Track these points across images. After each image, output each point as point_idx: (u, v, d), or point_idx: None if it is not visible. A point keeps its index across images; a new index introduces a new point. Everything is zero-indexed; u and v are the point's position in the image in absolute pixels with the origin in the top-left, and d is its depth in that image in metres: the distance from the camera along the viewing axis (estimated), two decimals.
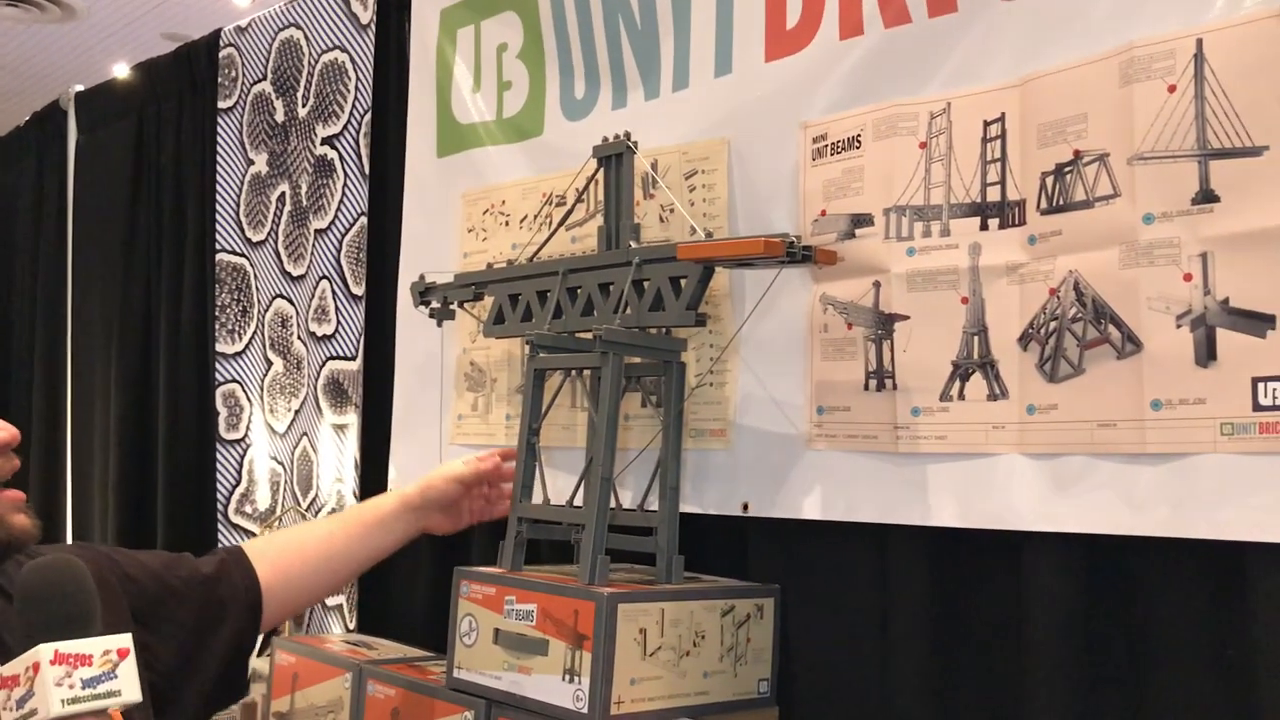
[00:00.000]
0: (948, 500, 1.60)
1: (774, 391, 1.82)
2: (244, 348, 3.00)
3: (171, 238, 3.35)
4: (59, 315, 3.93)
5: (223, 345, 3.06)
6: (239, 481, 3.00)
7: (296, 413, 2.81)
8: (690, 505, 1.87)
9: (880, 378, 1.68)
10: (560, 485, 1.95)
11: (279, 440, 2.87)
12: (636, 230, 1.86)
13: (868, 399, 1.69)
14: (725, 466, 1.87)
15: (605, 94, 2.09)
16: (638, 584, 1.71)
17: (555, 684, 1.63)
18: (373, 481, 2.55)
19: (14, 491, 1.34)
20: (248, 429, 2.98)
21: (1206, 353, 1.37)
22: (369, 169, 2.62)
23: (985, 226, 1.59)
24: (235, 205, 3.05)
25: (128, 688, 1.10)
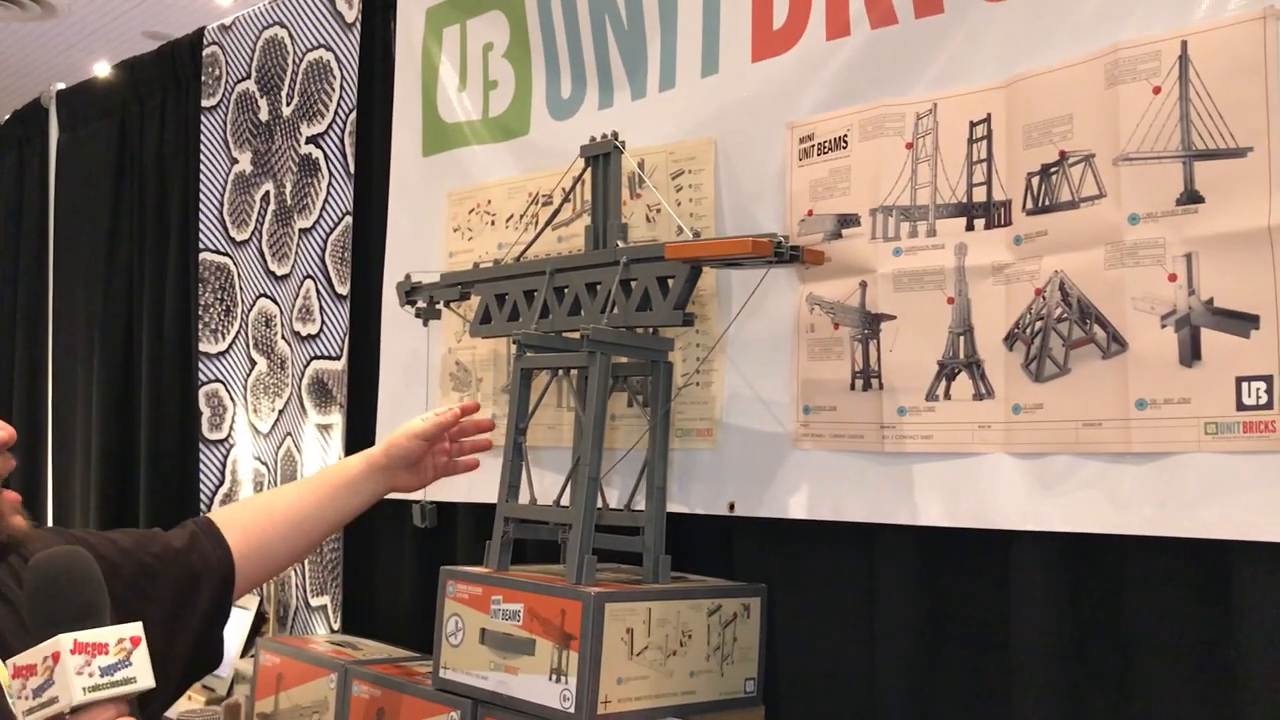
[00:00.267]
0: (934, 500, 1.61)
1: (761, 391, 1.82)
2: (227, 347, 2.99)
3: (154, 237, 3.33)
4: (40, 315, 3.91)
5: (206, 345, 3.04)
6: (222, 482, 2.99)
7: (280, 413, 2.80)
8: (677, 505, 1.87)
9: (867, 377, 1.69)
10: (547, 485, 1.95)
11: (263, 440, 2.86)
12: (624, 230, 1.86)
13: (854, 399, 1.70)
14: (712, 466, 1.87)
15: (592, 93, 2.09)
16: (625, 584, 1.71)
17: (542, 684, 1.63)
18: None
19: (12, 492, 1.35)
20: (231, 429, 2.97)
21: (1191, 352, 1.38)
22: (354, 168, 2.61)
23: (971, 227, 1.60)
24: (219, 204, 3.03)
25: (142, 674, 1.13)
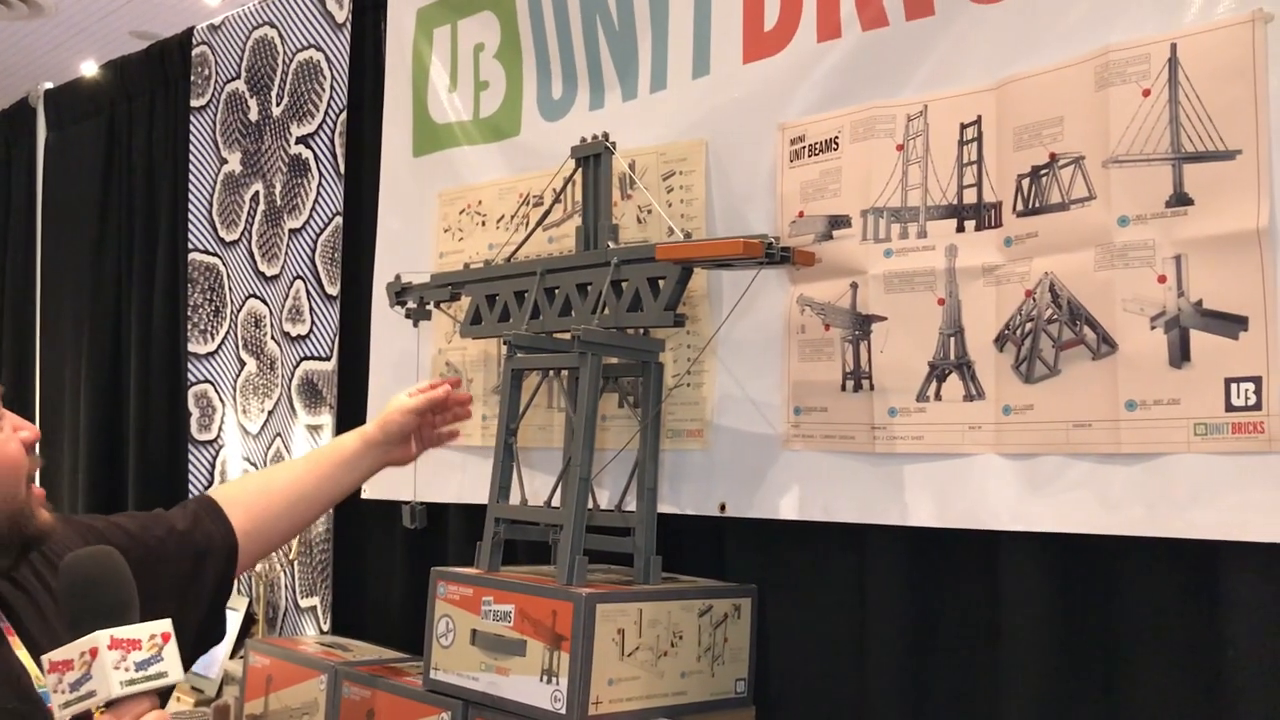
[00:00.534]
0: (925, 500, 1.61)
1: (751, 392, 1.82)
2: (216, 348, 2.98)
3: (143, 237, 3.32)
4: (27, 315, 3.89)
5: (195, 345, 3.04)
6: (211, 483, 2.98)
7: (270, 413, 2.79)
8: (667, 505, 1.87)
9: (857, 378, 1.69)
10: (537, 486, 1.95)
11: (252, 441, 2.85)
12: (615, 231, 1.86)
13: (845, 399, 1.70)
14: (702, 467, 1.87)
15: (583, 94, 2.09)
16: (616, 584, 1.71)
17: (533, 685, 1.63)
18: None
19: (39, 488, 1.39)
20: (220, 430, 2.96)
21: (1180, 354, 1.39)
22: (344, 168, 2.61)
23: (962, 228, 1.60)
24: (208, 204, 3.03)
25: (172, 669, 1.19)
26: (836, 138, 1.72)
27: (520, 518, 1.82)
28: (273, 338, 2.79)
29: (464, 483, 2.24)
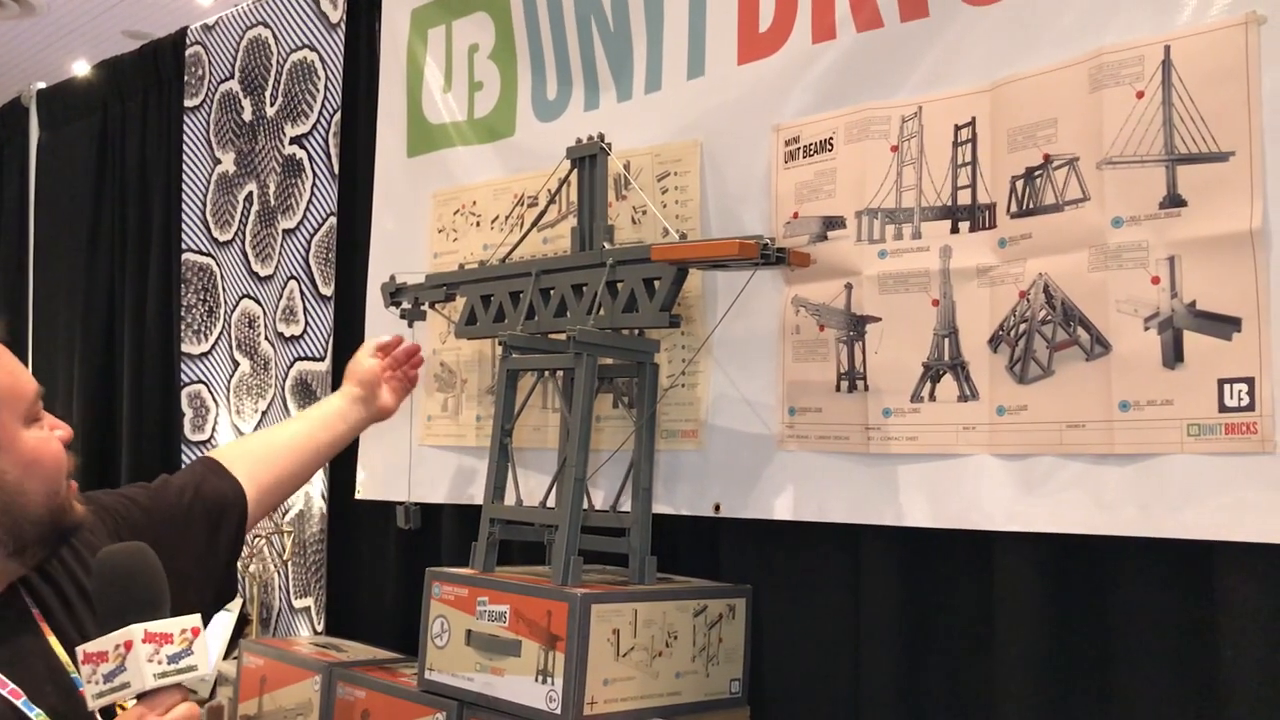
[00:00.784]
0: (919, 501, 1.62)
1: (746, 392, 1.83)
2: (210, 348, 2.97)
3: (136, 237, 3.32)
4: (20, 315, 3.88)
5: (188, 346, 3.03)
6: None
7: (264, 414, 2.79)
8: (662, 506, 1.87)
9: (852, 379, 1.69)
10: (532, 486, 1.95)
11: None
12: (610, 231, 1.87)
13: (839, 400, 1.70)
14: (697, 467, 1.88)
15: (577, 95, 2.09)
16: (611, 585, 1.72)
17: (528, 685, 1.63)
18: (341, 483, 2.53)
19: (74, 482, 1.43)
20: (214, 430, 2.96)
21: (1174, 355, 1.40)
22: (338, 169, 2.61)
23: (956, 229, 1.61)
24: (202, 204, 3.02)
25: (202, 662, 1.24)
26: (831, 139, 1.73)
27: (515, 518, 1.82)
28: (266, 338, 2.79)
29: (458, 483, 2.24)
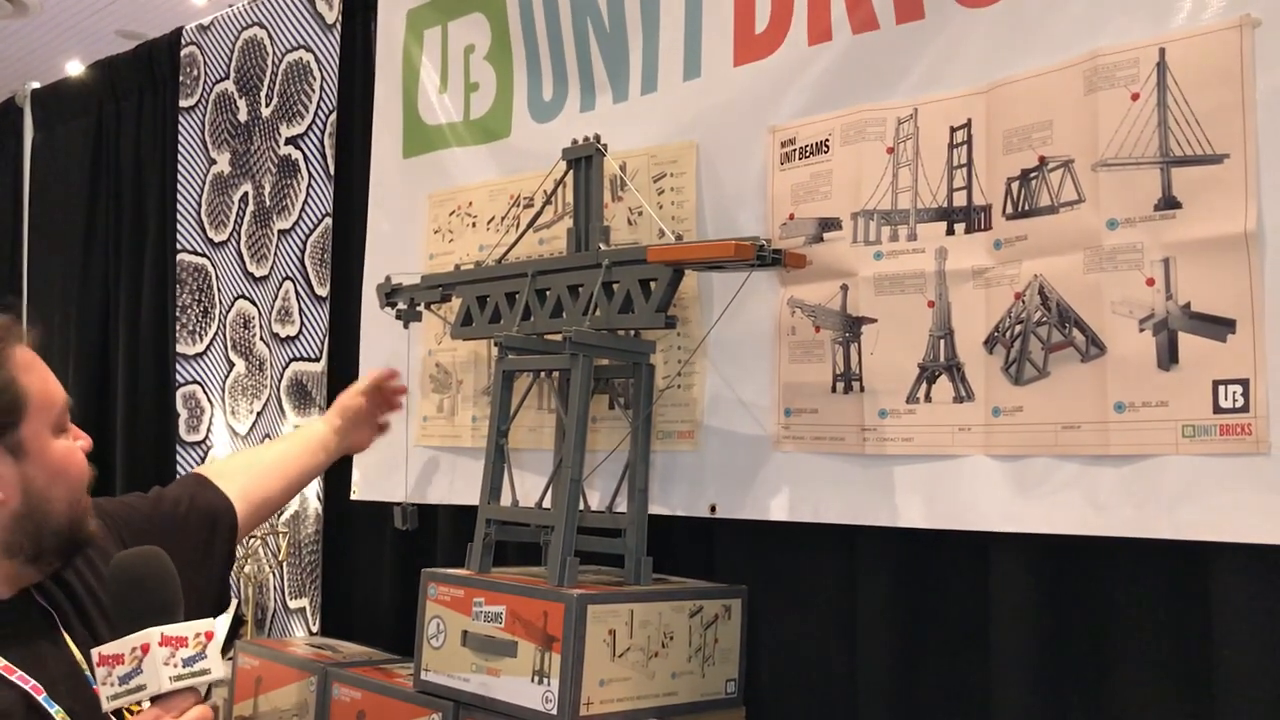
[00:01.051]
0: (914, 501, 1.62)
1: (742, 394, 1.83)
2: (205, 349, 2.97)
3: (131, 237, 3.31)
4: (14, 316, 3.86)
5: (183, 346, 3.03)
6: None
7: (259, 415, 2.79)
8: (658, 507, 1.87)
9: (848, 380, 1.70)
10: (528, 487, 1.95)
11: (241, 442, 2.84)
12: (606, 232, 1.87)
13: (835, 401, 1.71)
14: (693, 468, 1.88)
15: (573, 96, 2.09)
16: (607, 585, 1.72)
17: (524, 685, 1.63)
18: (336, 485, 2.53)
19: (88, 496, 1.45)
20: (209, 431, 2.95)
21: (1168, 356, 1.40)
22: (334, 169, 2.61)
23: (951, 231, 1.61)
24: (197, 205, 3.02)
25: (215, 666, 1.26)
26: (827, 140, 1.73)
27: (511, 519, 1.83)
28: (262, 339, 2.79)
29: (454, 484, 2.24)
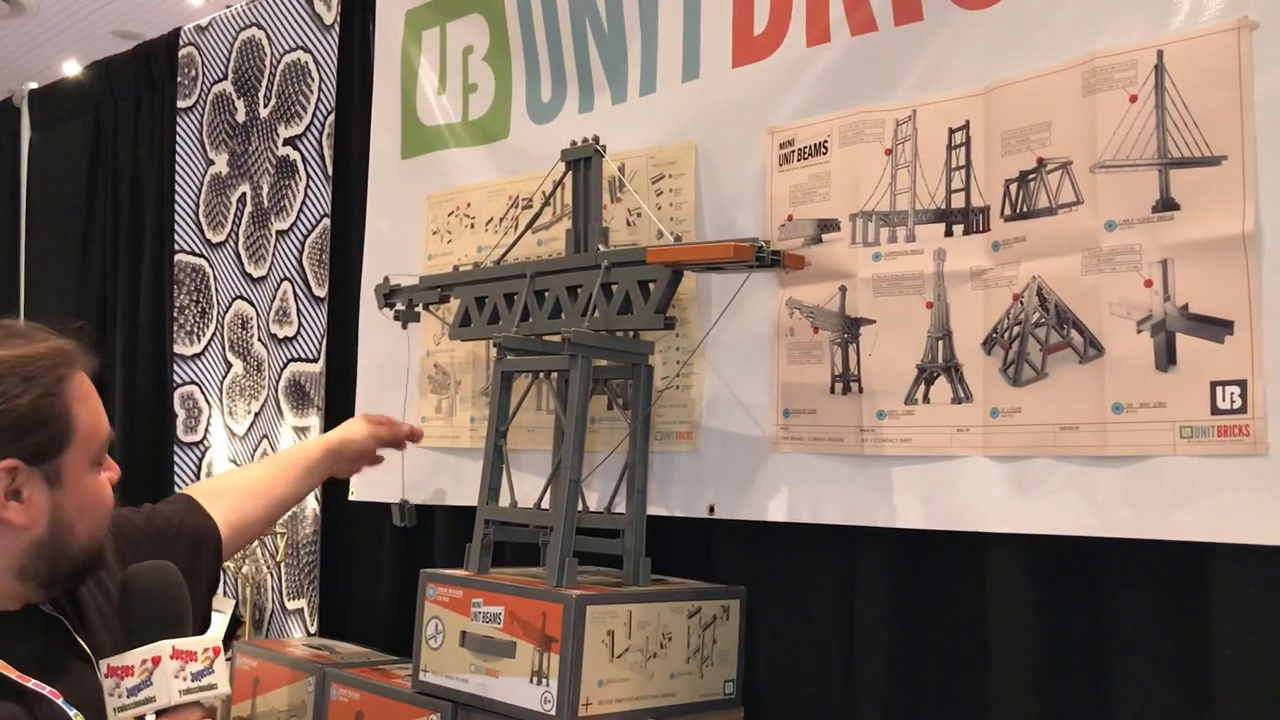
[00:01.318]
0: (913, 502, 1.62)
1: (740, 394, 1.83)
2: (203, 349, 2.97)
3: (128, 238, 3.31)
4: (12, 317, 3.86)
5: (181, 347, 3.03)
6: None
7: (257, 415, 2.79)
8: (656, 507, 1.88)
9: (846, 381, 1.70)
10: (527, 488, 1.95)
11: (238, 443, 2.84)
12: (605, 233, 1.87)
13: (834, 402, 1.71)
14: (692, 469, 1.88)
15: (572, 97, 2.10)
16: (605, 586, 1.72)
17: (523, 686, 1.63)
18: (334, 485, 2.53)
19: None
20: (206, 431, 2.95)
21: (1166, 357, 1.40)
22: (332, 170, 2.61)
23: (950, 232, 1.61)
24: (195, 205, 3.02)
25: (221, 681, 1.26)
26: (825, 142, 1.73)
27: (510, 519, 1.83)
28: (260, 339, 2.79)
29: (453, 485, 2.24)
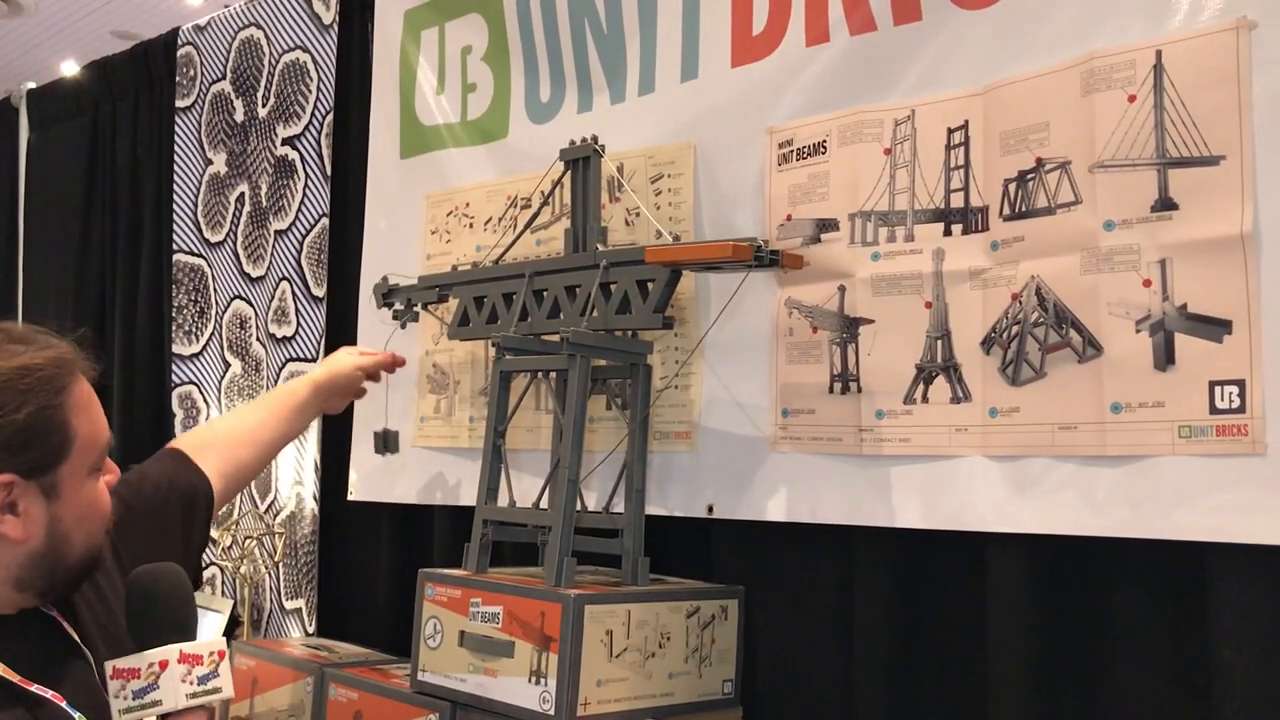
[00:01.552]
0: (911, 502, 1.62)
1: (739, 394, 1.83)
2: (201, 349, 2.97)
3: (127, 237, 3.31)
4: (10, 316, 3.87)
5: (179, 346, 3.02)
6: None
7: None
8: (655, 507, 1.87)
9: (845, 381, 1.70)
10: (525, 488, 1.95)
11: None
12: (603, 233, 1.87)
13: (832, 402, 1.71)
14: (690, 469, 1.88)
15: (570, 97, 2.10)
16: (604, 586, 1.72)
17: (521, 686, 1.63)
18: (333, 485, 2.53)
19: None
20: None
21: (1165, 357, 1.40)
22: (330, 170, 2.61)
23: (949, 232, 1.62)
24: (193, 205, 3.01)
25: (226, 685, 1.26)
26: (824, 141, 1.73)
27: (508, 519, 1.83)
28: (258, 339, 2.78)
29: (451, 484, 2.24)
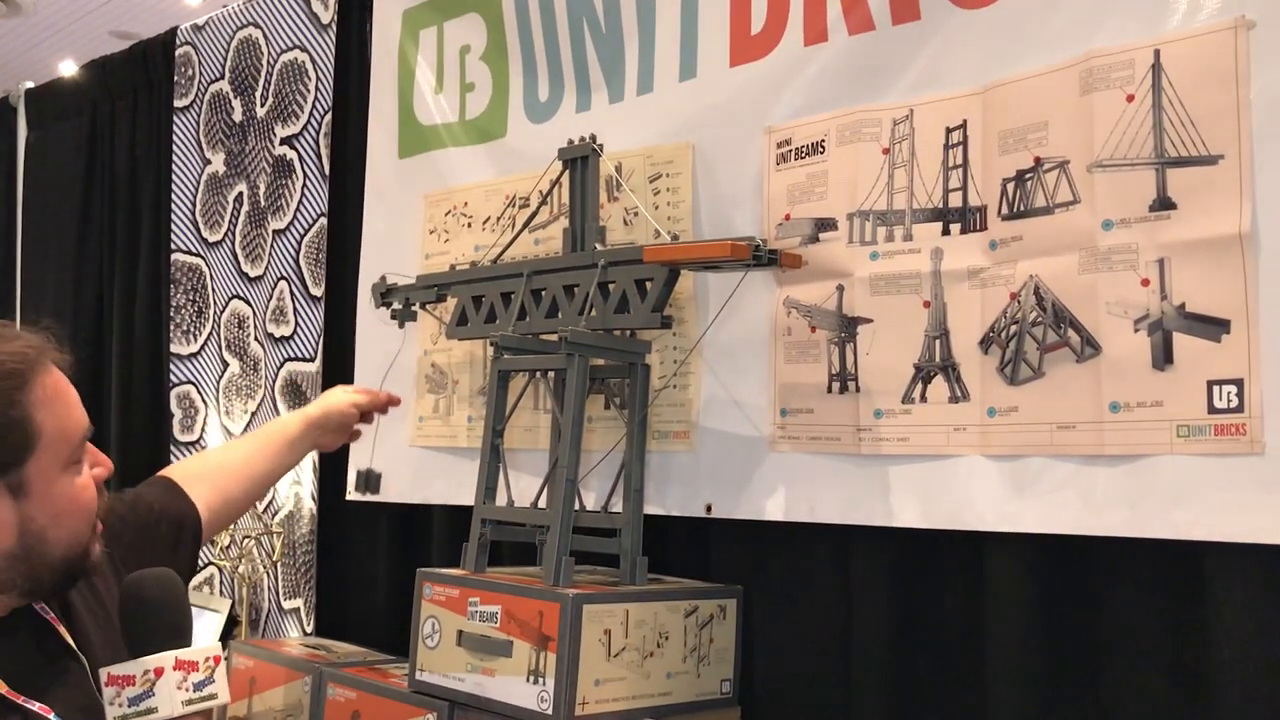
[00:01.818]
0: (910, 501, 1.62)
1: (737, 394, 1.83)
2: (199, 349, 2.97)
3: (125, 237, 3.30)
4: (8, 316, 3.86)
5: (177, 346, 3.02)
6: None
7: (253, 415, 2.78)
8: (653, 507, 1.87)
9: (843, 380, 1.70)
10: (524, 487, 1.95)
11: None
12: (602, 233, 1.87)
13: (831, 401, 1.71)
14: (689, 468, 1.88)
15: (569, 96, 2.09)
16: (602, 585, 1.72)
17: (519, 685, 1.63)
18: (331, 485, 2.53)
19: (100, 523, 1.40)
20: (203, 431, 2.95)
21: (1163, 356, 1.40)
22: (329, 169, 2.60)
23: (947, 231, 1.62)
24: (191, 205, 3.01)
25: (221, 691, 1.26)
26: (823, 141, 1.73)
27: (507, 519, 1.83)
28: (256, 339, 2.78)
29: (449, 484, 2.24)
